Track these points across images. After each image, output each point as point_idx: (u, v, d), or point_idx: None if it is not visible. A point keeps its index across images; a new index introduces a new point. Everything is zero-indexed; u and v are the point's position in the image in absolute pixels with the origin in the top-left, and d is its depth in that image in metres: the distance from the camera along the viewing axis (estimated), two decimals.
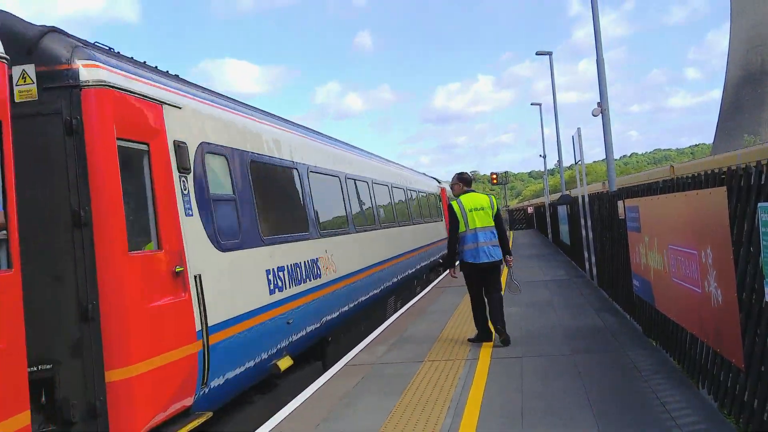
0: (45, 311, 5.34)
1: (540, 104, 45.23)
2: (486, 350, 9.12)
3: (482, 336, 9.70)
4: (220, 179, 7.65)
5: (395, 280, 16.24)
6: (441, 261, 24.42)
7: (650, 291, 8.15)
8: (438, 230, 25.62)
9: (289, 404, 7.53)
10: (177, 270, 6.23)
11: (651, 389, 6.72)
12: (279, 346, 8.36)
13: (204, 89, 8.28)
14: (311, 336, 9.65)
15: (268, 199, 9.06)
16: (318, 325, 9.88)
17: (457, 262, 9.83)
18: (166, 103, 6.60)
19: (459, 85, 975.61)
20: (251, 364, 7.59)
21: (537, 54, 34.21)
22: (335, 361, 9.60)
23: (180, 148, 6.63)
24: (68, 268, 5.58)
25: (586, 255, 16.01)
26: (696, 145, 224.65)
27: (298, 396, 7.82)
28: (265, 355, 7.95)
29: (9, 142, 4.71)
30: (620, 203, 9.95)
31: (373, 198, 15.62)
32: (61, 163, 5.62)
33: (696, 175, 6.35)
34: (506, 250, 9.69)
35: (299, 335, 9.07)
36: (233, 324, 7.12)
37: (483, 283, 9.67)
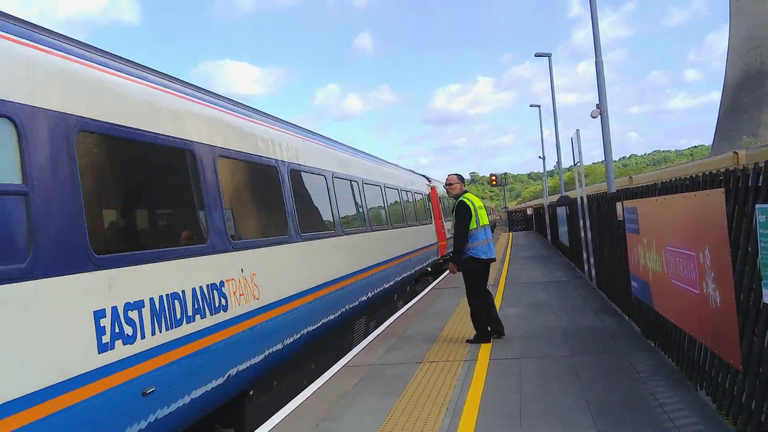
0: None
1: (539, 106, 45.33)
2: (485, 351, 9.13)
3: (483, 337, 9.73)
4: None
5: (364, 297, 12.71)
6: (429, 269, 22.38)
7: (649, 292, 8.16)
8: (426, 235, 22.60)
9: (287, 404, 7.53)
10: None
11: (649, 390, 6.73)
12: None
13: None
14: (204, 403, 6.38)
15: (123, 189, 6.28)
16: (221, 381, 6.65)
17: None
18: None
19: (459, 87, 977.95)
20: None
21: (536, 56, 34.29)
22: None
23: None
24: None
25: (584, 256, 16.03)
26: (695, 147, 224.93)
27: (297, 396, 7.83)
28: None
29: None
30: (619, 204, 9.96)
31: (334, 198, 12.00)
32: None
33: (694, 176, 6.36)
34: None
35: (172, 408, 5.77)
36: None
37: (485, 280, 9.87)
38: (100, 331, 4.96)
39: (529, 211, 59.08)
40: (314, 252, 10.01)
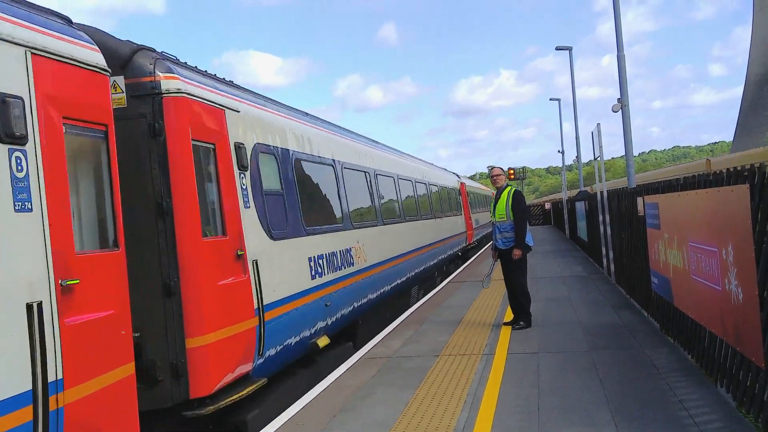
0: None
1: (559, 99, 45.05)
2: (502, 346, 9.12)
3: (527, 319, 10.33)
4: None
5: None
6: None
7: (669, 288, 8.11)
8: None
9: (306, 394, 7.60)
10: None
11: (669, 387, 6.70)
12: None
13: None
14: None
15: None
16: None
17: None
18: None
19: (481, 79, 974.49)
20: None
21: (557, 49, 34.05)
22: (365, 342, 10.52)
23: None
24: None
25: (603, 251, 15.94)
26: (716, 143, 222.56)
27: (315, 387, 7.88)
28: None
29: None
30: (640, 200, 9.89)
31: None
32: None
33: (718, 172, 6.30)
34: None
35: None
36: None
37: None
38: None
39: (547, 206, 58.77)
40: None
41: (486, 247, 30.06)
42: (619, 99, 15.58)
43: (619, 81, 15.65)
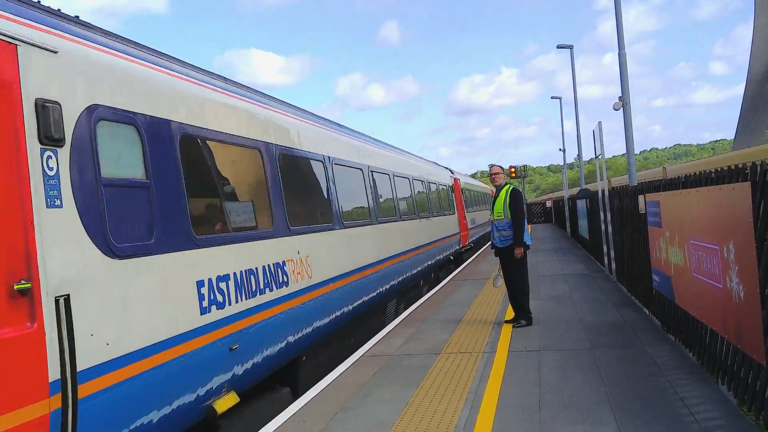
0: None
1: (560, 98, 45.07)
2: (504, 343, 9.12)
3: (528, 317, 10.36)
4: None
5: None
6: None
7: (670, 286, 8.10)
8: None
9: (306, 393, 7.58)
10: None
11: (670, 384, 6.69)
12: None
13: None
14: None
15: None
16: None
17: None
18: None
19: (482, 77, 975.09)
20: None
21: (558, 47, 34.04)
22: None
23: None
24: None
25: (605, 249, 15.94)
26: (717, 141, 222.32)
27: (315, 386, 7.86)
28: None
29: None
30: (641, 197, 9.88)
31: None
32: None
33: (719, 170, 6.29)
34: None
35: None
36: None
37: None
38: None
39: (549, 204, 58.76)
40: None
41: (485, 247, 29.93)
42: (620, 97, 15.57)
43: (620, 79, 15.65)
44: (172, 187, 6.10)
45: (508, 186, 10.50)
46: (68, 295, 4.63)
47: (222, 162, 7.45)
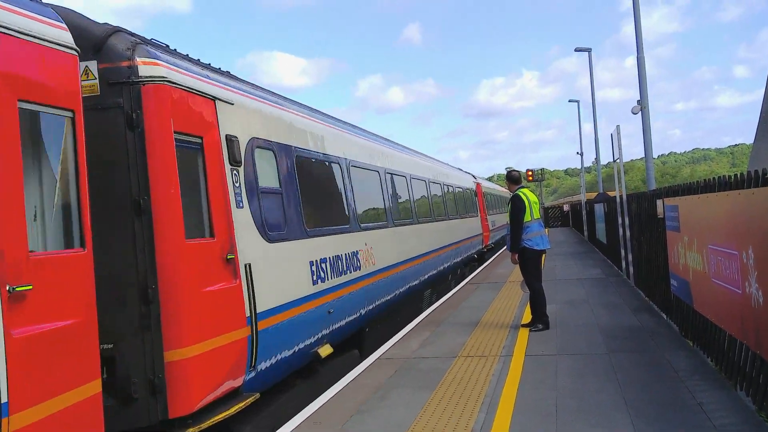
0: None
1: (578, 101, 44.97)
2: (520, 347, 9.10)
3: (543, 320, 10.29)
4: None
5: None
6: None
7: (688, 291, 8.06)
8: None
9: (323, 395, 7.60)
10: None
11: (688, 390, 6.66)
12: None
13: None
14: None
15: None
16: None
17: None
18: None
19: (503, 80, 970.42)
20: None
21: (576, 50, 33.91)
22: (372, 351, 9.92)
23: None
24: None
25: (622, 254, 15.86)
26: (736, 146, 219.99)
27: (332, 387, 7.89)
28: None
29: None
30: (659, 202, 9.84)
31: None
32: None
33: (739, 174, 6.26)
34: None
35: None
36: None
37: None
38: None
39: (566, 208, 58.51)
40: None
41: (502, 249, 30.00)
42: (638, 101, 15.51)
43: (639, 83, 15.59)
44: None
45: (517, 191, 10.54)
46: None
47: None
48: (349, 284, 9.94)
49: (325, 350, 8.73)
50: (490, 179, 66.01)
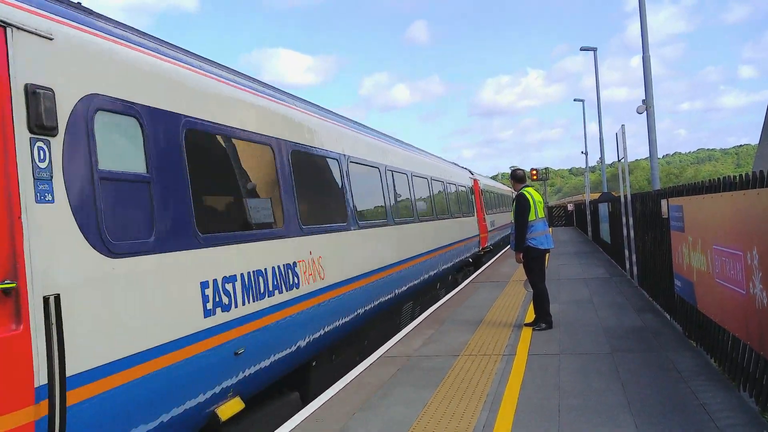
0: None
1: (583, 100, 44.93)
2: (523, 347, 9.10)
3: (546, 320, 10.30)
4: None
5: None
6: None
7: (692, 291, 8.05)
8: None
9: (324, 393, 7.60)
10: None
11: (691, 390, 6.65)
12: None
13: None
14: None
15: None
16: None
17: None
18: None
19: (508, 79, 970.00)
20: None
21: (581, 49, 33.88)
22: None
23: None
24: None
25: (626, 254, 15.84)
26: (741, 146, 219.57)
27: (334, 385, 7.89)
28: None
29: None
30: (664, 202, 9.82)
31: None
32: None
33: (744, 175, 6.24)
34: None
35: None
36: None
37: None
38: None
39: (570, 207, 58.46)
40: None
41: (504, 249, 29.87)
42: (643, 100, 15.49)
43: (644, 82, 15.56)
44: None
45: (522, 190, 10.64)
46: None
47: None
48: (277, 309, 7.20)
49: (231, 407, 6.21)
50: (494, 178, 65.91)
